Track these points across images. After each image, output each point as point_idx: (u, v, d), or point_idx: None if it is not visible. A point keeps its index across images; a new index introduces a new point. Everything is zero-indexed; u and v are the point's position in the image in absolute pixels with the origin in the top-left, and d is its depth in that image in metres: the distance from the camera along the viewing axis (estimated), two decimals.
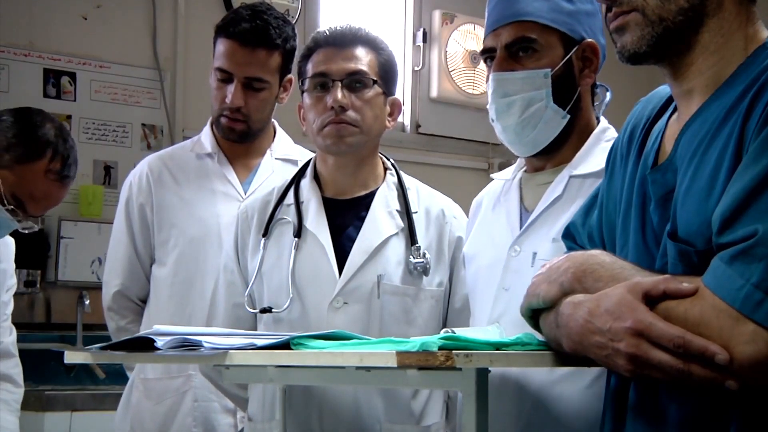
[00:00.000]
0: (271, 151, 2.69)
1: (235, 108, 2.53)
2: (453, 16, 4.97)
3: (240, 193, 2.61)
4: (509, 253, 1.86)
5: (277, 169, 2.66)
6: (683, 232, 1.28)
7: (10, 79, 3.89)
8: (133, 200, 2.64)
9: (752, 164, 1.19)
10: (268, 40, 2.51)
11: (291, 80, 2.63)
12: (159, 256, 2.61)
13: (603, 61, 1.91)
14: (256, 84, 2.53)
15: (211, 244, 2.54)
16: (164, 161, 2.68)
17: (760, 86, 1.25)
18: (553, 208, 1.84)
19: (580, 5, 1.88)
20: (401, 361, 1.27)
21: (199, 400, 2.52)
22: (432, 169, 4.66)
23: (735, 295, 1.16)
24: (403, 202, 2.19)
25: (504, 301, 1.84)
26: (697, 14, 1.33)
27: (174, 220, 2.59)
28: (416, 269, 2.12)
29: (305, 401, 2.06)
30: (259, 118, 2.59)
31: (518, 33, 1.84)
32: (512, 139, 1.89)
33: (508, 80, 1.84)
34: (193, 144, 2.71)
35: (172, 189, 2.62)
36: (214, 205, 2.59)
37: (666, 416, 1.29)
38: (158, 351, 1.56)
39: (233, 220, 2.52)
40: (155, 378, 2.58)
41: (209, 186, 2.61)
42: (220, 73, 2.54)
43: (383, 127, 2.20)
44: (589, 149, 1.88)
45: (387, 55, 2.20)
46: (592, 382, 1.71)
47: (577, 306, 1.30)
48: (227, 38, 2.52)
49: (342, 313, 2.07)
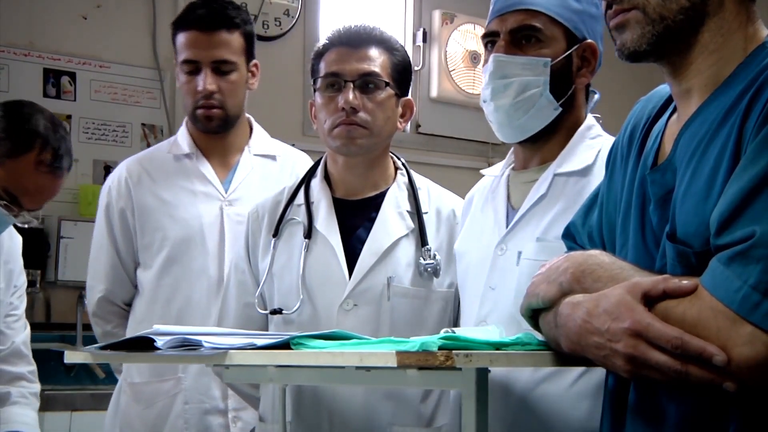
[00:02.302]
0: (249, 148, 2.67)
1: (209, 93, 2.53)
2: (453, 16, 4.97)
3: (221, 192, 2.59)
4: (495, 252, 1.86)
5: (257, 166, 2.65)
6: (682, 233, 1.28)
7: (10, 79, 3.89)
8: (113, 205, 2.62)
9: (750, 165, 1.19)
10: (226, 21, 2.53)
11: (257, 65, 2.64)
12: (143, 260, 2.59)
13: (599, 67, 1.92)
14: (224, 67, 2.53)
15: (195, 245, 2.54)
16: (142, 164, 2.66)
17: (759, 86, 1.25)
18: (538, 206, 1.85)
19: (587, 6, 1.89)
20: (401, 361, 1.27)
21: (189, 402, 2.50)
22: (432, 169, 4.64)
23: (733, 296, 1.16)
24: (413, 202, 2.18)
25: (491, 299, 1.85)
26: (698, 13, 1.33)
27: (156, 223, 2.57)
28: (427, 271, 2.11)
29: (314, 404, 2.06)
30: (235, 103, 2.58)
31: (524, 20, 1.85)
32: (502, 121, 1.89)
33: (508, 63, 1.85)
34: (170, 145, 2.69)
35: (152, 192, 2.60)
36: (195, 205, 2.57)
37: (665, 416, 1.29)
38: (158, 351, 1.56)
39: (215, 220, 2.54)
40: (143, 382, 2.56)
41: (189, 187, 2.60)
42: (187, 65, 2.54)
43: (394, 129, 2.19)
44: (573, 147, 1.88)
45: (401, 56, 2.19)
46: (574, 381, 1.72)
47: (576, 306, 1.30)
48: (186, 29, 2.54)
49: (352, 316, 2.06)
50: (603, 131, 1.94)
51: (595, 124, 1.93)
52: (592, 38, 1.89)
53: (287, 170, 2.68)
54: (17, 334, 2.44)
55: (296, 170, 2.68)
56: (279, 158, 2.70)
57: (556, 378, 1.74)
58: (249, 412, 2.50)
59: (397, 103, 2.18)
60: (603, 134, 1.92)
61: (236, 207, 2.57)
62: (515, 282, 1.79)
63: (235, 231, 2.53)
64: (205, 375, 2.51)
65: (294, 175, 2.66)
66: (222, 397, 2.51)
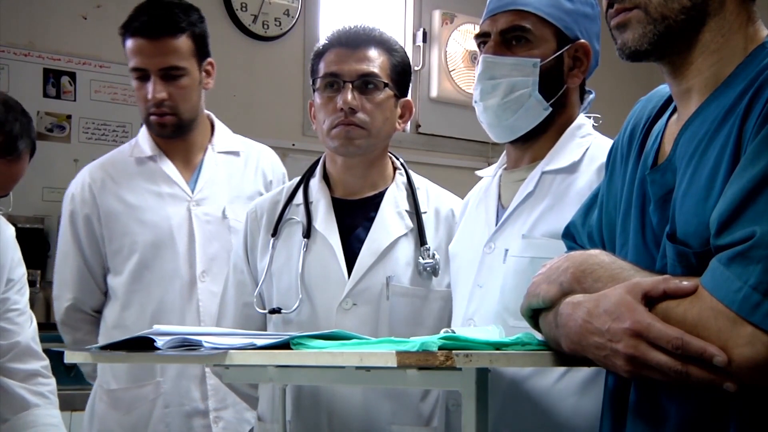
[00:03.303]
0: (212, 146, 2.64)
1: (159, 102, 2.49)
2: (453, 16, 4.98)
3: (187, 192, 2.57)
4: (484, 250, 1.87)
5: (221, 163, 2.63)
6: (682, 233, 1.28)
7: (10, 79, 3.89)
8: (78, 212, 2.58)
9: (750, 165, 1.19)
10: (171, 26, 2.48)
11: (212, 63, 2.60)
12: (113, 266, 2.56)
13: (595, 67, 1.92)
14: (173, 72, 2.50)
15: (165, 248, 2.51)
16: (105, 169, 2.61)
17: (759, 86, 1.25)
18: (525, 204, 1.85)
19: (580, 6, 1.89)
20: (401, 361, 1.27)
21: (169, 405, 2.48)
22: (432, 169, 4.64)
23: (733, 297, 1.16)
24: (412, 202, 2.19)
25: (478, 298, 1.86)
26: (699, 13, 1.33)
27: (124, 228, 2.54)
28: (425, 270, 2.11)
29: (313, 403, 2.06)
30: (188, 108, 2.54)
31: (514, 21, 1.86)
32: (492, 121, 1.90)
33: (497, 64, 1.86)
34: (132, 148, 2.64)
35: (118, 196, 2.56)
36: (163, 208, 2.54)
37: (666, 417, 1.29)
38: (158, 351, 1.56)
39: (183, 222, 2.52)
40: (121, 388, 2.53)
41: (155, 189, 2.56)
42: (136, 72, 2.51)
43: (393, 129, 2.19)
44: (562, 145, 1.89)
45: (400, 57, 2.19)
46: (559, 378, 1.74)
47: (576, 306, 1.30)
48: (132, 36, 2.49)
49: (351, 315, 2.07)
50: (593, 130, 1.94)
51: (585, 123, 1.94)
52: (586, 38, 1.90)
53: (252, 165, 2.67)
54: (23, 329, 2.32)
55: (261, 164, 2.68)
56: (242, 153, 2.67)
57: (541, 374, 1.76)
58: (230, 411, 2.49)
59: (396, 103, 2.18)
60: (593, 133, 1.93)
61: (204, 206, 2.56)
62: (501, 280, 1.80)
63: (205, 230, 2.52)
64: (184, 378, 2.49)
65: (260, 169, 2.67)
66: (202, 398, 2.49)
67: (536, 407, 1.75)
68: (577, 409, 1.72)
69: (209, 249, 2.54)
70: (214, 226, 2.55)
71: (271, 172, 2.70)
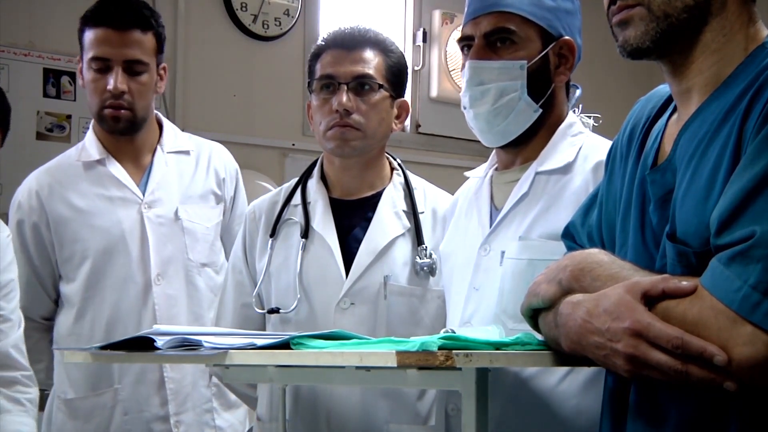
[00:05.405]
0: (161, 146, 2.60)
1: (119, 94, 2.45)
2: (453, 16, 4.97)
3: (138, 195, 2.51)
4: (479, 252, 1.87)
5: (171, 163, 2.59)
6: (682, 233, 1.28)
7: (10, 79, 3.89)
8: (25, 220, 2.51)
9: (750, 165, 1.19)
10: (141, 21, 2.47)
11: (166, 68, 2.59)
12: (65, 273, 2.50)
13: (578, 62, 1.92)
14: (137, 67, 2.47)
15: (118, 253, 2.46)
16: (52, 174, 2.55)
17: (759, 87, 1.25)
18: (520, 206, 1.85)
19: (561, 2, 1.88)
20: (401, 361, 1.27)
21: (129, 412, 2.44)
22: (432, 169, 4.66)
23: (733, 296, 1.16)
24: (409, 202, 2.19)
25: (474, 300, 1.85)
26: (701, 12, 1.33)
27: (75, 235, 2.47)
28: (423, 270, 2.12)
29: (312, 402, 2.06)
30: (143, 105, 2.51)
31: (498, 23, 1.85)
32: (483, 128, 1.90)
33: (484, 69, 1.85)
34: (79, 152, 2.57)
35: (66, 202, 2.50)
36: (114, 212, 2.49)
37: (666, 417, 1.29)
38: (158, 351, 1.56)
39: (136, 225, 2.47)
40: (78, 397, 2.47)
41: (105, 193, 2.51)
42: (97, 62, 2.46)
43: (389, 130, 2.20)
44: (554, 145, 1.88)
45: (396, 58, 2.19)
46: (561, 379, 1.73)
47: (576, 306, 1.30)
48: (97, 26, 2.46)
49: (349, 314, 2.07)
50: (584, 128, 1.94)
51: (576, 121, 1.94)
52: (569, 34, 1.89)
53: (203, 163, 2.63)
54: (5, 336, 2.21)
55: (213, 162, 2.64)
56: (193, 152, 2.64)
57: (543, 375, 1.75)
58: (190, 414, 2.47)
59: (392, 104, 2.18)
60: (585, 131, 1.93)
61: (156, 209, 2.52)
62: (498, 282, 1.79)
63: (158, 233, 2.49)
64: (143, 384, 2.45)
65: (211, 167, 2.64)
66: (161, 403, 2.46)
67: (538, 409, 1.75)
68: (580, 410, 1.72)
69: (163, 252, 2.49)
70: (167, 228, 2.51)
71: (224, 169, 2.66)
